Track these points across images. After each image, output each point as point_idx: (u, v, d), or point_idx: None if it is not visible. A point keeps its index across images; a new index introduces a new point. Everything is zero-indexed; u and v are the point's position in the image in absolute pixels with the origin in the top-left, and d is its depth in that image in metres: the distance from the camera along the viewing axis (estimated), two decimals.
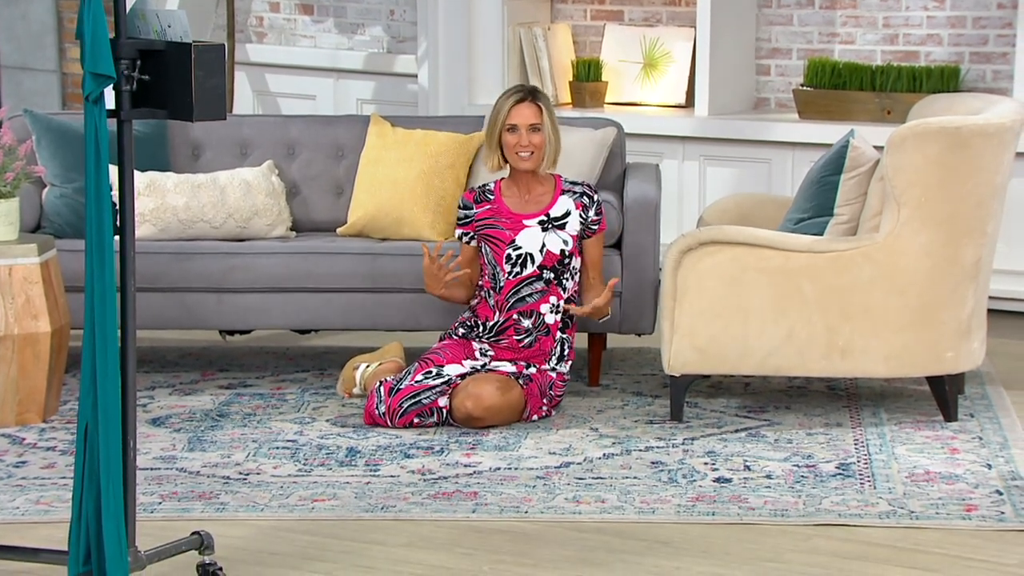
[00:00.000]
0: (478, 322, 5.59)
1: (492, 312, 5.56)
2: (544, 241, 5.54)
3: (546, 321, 5.56)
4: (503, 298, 5.54)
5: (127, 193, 3.96)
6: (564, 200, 5.59)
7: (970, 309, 5.50)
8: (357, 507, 4.78)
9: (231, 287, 5.96)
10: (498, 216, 5.59)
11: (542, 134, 5.54)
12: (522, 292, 5.54)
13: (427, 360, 5.51)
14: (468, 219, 5.62)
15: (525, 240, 5.55)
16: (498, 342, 5.56)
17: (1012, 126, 5.45)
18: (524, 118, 5.52)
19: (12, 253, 5.43)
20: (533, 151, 5.52)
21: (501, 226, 5.57)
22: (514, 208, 5.59)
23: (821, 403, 5.80)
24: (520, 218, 5.57)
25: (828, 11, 7.56)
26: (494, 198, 5.61)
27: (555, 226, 5.57)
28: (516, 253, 5.55)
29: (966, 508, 4.77)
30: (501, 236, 5.56)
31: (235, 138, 6.43)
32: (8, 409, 5.47)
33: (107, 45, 3.85)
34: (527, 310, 5.54)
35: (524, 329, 5.54)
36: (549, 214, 5.57)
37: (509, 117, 5.53)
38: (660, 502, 4.82)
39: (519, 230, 5.56)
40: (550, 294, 5.56)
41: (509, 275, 5.54)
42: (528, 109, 5.53)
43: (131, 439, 4.00)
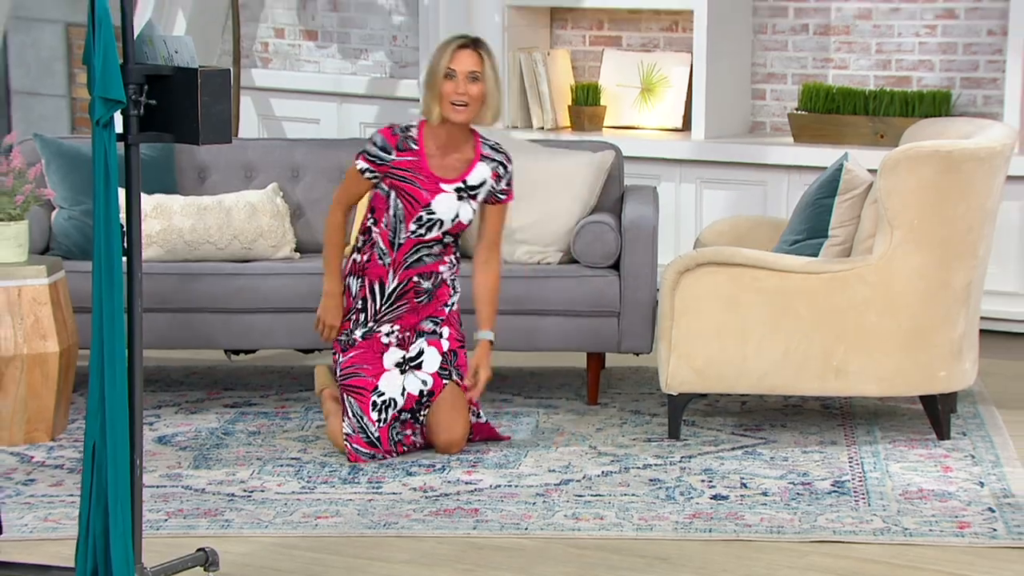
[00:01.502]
0: (372, 289, 5.33)
1: (386, 272, 5.32)
2: (458, 210, 5.30)
3: (443, 277, 5.38)
4: (400, 257, 5.29)
5: (134, 215, 3.97)
6: (482, 168, 5.32)
7: (962, 330, 5.50)
8: (360, 524, 4.77)
9: (236, 307, 5.96)
10: (417, 172, 5.26)
11: (481, 84, 5.21)
12: (420, 252, 5.31)
13: (358, 390, 5.31)
14: (382, 162, 5.26)
15: (440, 206, 5.28)
16: (396, 309, 5.33)
17: (1003, 150, 5.46)
18: (464, 65, 5.19)
19: (21, 274, 5.43)
20: (469, 102, 5.19)
21: (419, 184, 5.26)
22: (435, 168, 5.27)
23: (816, 422, 5.80)
24: (439, 181, 5.27)
25: (822, 37, 7.57)
26: (417, 148, 5.27)
27: (470, 194, 5.32)
28: (428, 216, 5.28)
29: (959, 525, 4.76)
30: (418, 196, 5.26)
31: (240, 161, 6.44)
32: (17, 428, 5.47)
33: (117, 70, 3.85)
34: (426, 271, 5.33)
35: (424, 290, 5.34)
36: (466, 181, 5.30)
37: (450, 61, 5.19)
38: (658, 519, 4.81)
39: (436, 193, 5.27)
40: (447, 254, 5.37)
41: (412, 234, 5.28)
42: (470, 56, 5.20)
43: (138, 457, 3.99)
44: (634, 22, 7.91)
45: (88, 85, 3.88)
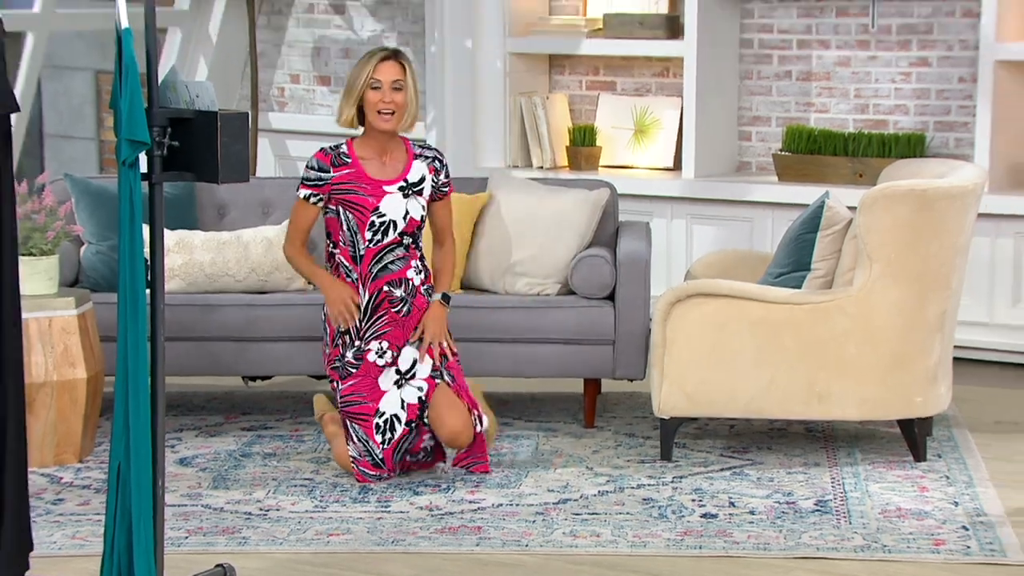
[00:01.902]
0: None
1: (356, 287, 5.22)
2: (407, 208, 5.20)
3: (415, 283, 5.25)
4: (365, 268, 5.20)
5: (158, 250, 3.97)
6: (418, 165, 5.26)
7: (937, 357, 5.49)
8: (369, 541, 4.76)
9: (253, 336, 5.96)
10: (358, 181, 5.18)
11: (404, 93, 5.17)
12: (384, 260, 5.21)
13: (360, 416, 5.25)
14: (323, 182, 5.18)
15: (388, 207, 5.18)
16: (377, 323, 5.22)
17: (974, 189, 5.47)
18: (388, 75, 5.15)
19: (52, 306, 5.43)
20: (395, 110, 5.16)
21: (363, 192, 5.18)
22: (373, 174, 5.20)
23: (800, 444, 5.78)
24: (380, 184, 5.19)
25: (804, 83, 7.58)
26: (351, 161, 5.21)
27: (414, 191, 5.23)
28: (380, 220, 5.18)
29: (935, 543, 4.75)
30: (364, 203, 5.17)
31: (257, 199, 6.44)
32: (47, 450, 5.46)
33: (142, 114, 3.86)
34: (395, 279, 5.22)
35: (398, 299, 5.22)
36: (407, 179, 5.22)
37: (374, 72, 5.15)
38: (651, 536, 4.80)
39: (381, 196, 5.18)
40: (411, 258, 5.25)
41: (370, 243, 5.18)
42: (392, 67, 5.16)
43: (160, 478, 3.98)
44: (627, 68, 7.93)
45: (115, 128, 3.89)
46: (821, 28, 7.53)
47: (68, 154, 9.78)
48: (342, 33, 8.51)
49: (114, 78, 3.87)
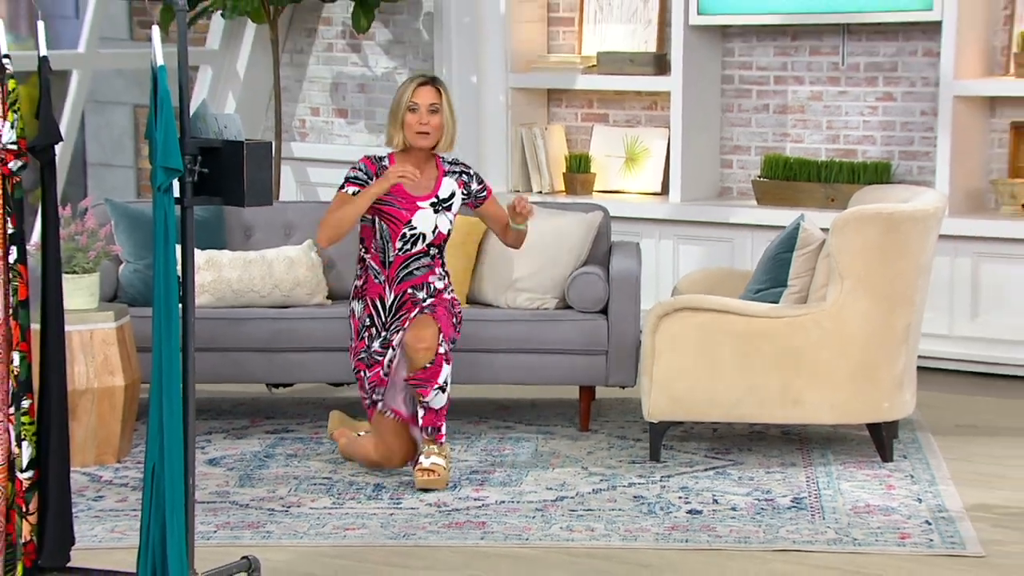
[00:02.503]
0: (375, 306, 5.24)
1: (383, 289, 5.23)
2: (436, 223, 5.22)
3: (436, 287, 5.26)
4: (393, 272, 5.21)
5: (189, 268, 3.96)
6: (447, 182, 5.27)
7: (902, 366, 5.48)
8: (382, 535, 4.74)
9: (276, 347, 5.94)
10: (395, 195, 5.19)
11: (440, 116, 5.18)
12: (411, 267, 5.22)
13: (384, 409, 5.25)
14: (368, 185, 5.19)
15: (420, 221, 5.20)
16: (400, 318, 5.22)
17: (936, 213, 5.47)
18: (424, 99, 5.16)
19: (93, 319, 5.42)
20: (430, 131, 5.17)
21: (398, 205, 5.20)
22: (409, 189, 5.21)
23: (777, 446, 5.77)
24: (414, 200, 5.21)
25: (781, 115, 7.58)
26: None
27: (444, 208, 5.25)
28: (411, 232, 5.20)
29: (900, 536, 4.73)
30: (399, 216, 5.19)
31: (280, 221, 6.43)
32: (88, 451, 5.44)
33: (176, 143, 3.85)
34: (419, 283, 5.23)
35: (420, 299, 5.22)
36: (438, 196, 5.24)
37: (412, 96, 5.17)
38: (641, 531, 4.78)
39: (414, 211, 5.20)
40: (435, 266, 5.26)
41: (399, 251, 5.21)
42: (429, 91, 5.18)
43: (191, 477, 3.97)
44: (619, 102, 7.92)
45: (150, 157, 3.88)
46: (796, 66, 7.53)
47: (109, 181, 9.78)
48: (358, 70, 8.52)
49: (150, 111, 3.87)
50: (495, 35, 7.79)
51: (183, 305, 3.95)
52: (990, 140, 7.13)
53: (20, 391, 4.00)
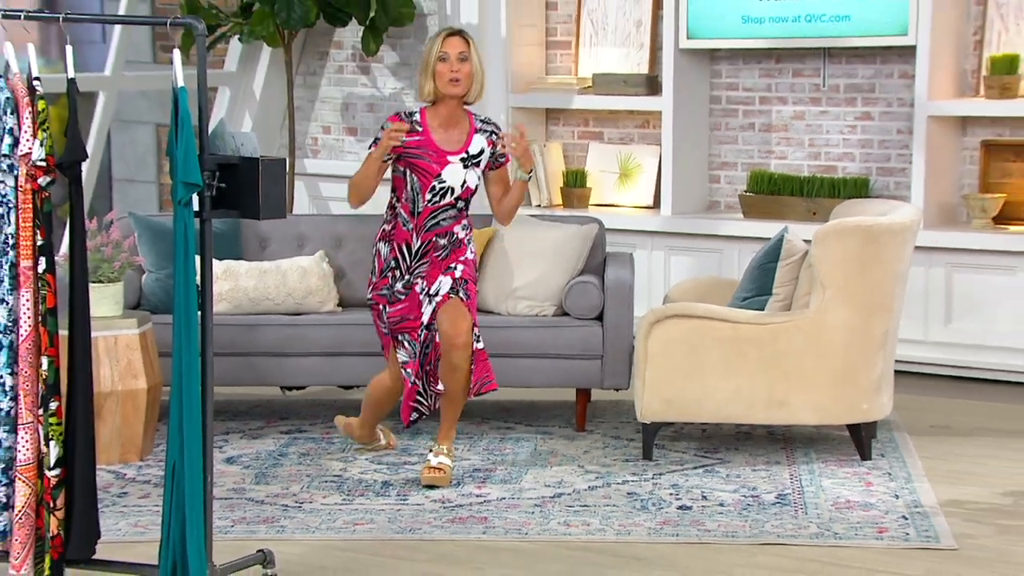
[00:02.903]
0: (401, 250, 5.16)
1: (410, 236, 5.14)
2: (465, 177, 5.14)
3: (458, 236, 5.20)
4: (421, 222, 5.13)
5: (207, 277, 3.95)
6: (478, 139, 5.16)
7: (880, 370, 5.47)
8: (390, 529, 4.73)
9: (290, 352, 5.94)
10: (427, 149, 5.11)
11: (469, 64, 5.09)
12: (438, 217, 5.15)
13: (410, 330, 5.13)
14: (399, 143, 5.08)
15: (449, 175, 5.12)
16: (422, 265, 5.16)
17: (911, 225, 5.47)
18: (454, 48, 5.07)
19: (117, 326, 5.42)
20: (461, 78, 5.07)
21: (429, 159, 5.11)
22: (440, 144, 5.12)
23: (763, 445, 5.76)
24: (445, 154, 5.12)
25: (765, 133, 7.58)
26: (422, 129, 5.14)
27: (473, 163, 5.16)
28: (441, 186, 5.12)
29: (879, 530, 4.72)
30: (429, 169, 5.11)
31: (294, 233, 6.43)
32: (113, 450, 5.44)
33: (195, 160, 3.85)
34: (443, 232, 5.16)
35: (442, 246, 5.17)
36: (468, 151, 5.14)
37: (443, 47, 5.08)
38: (634, 525, 4.77)
39: (444, 165, 5.11)
40: (461, 218, 5.20)
41: (428, 203, 5.12)
42: (458, 41, 5.09)
43: (209, 475, 3.96)
44: (613, 120, 7.93)
45: (171, 172, 3.88)
46: (779, 87, 7.53)
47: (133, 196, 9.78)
48: (367, 90, 8.51)
49: (171, 130, 3.87)
50: (497, 58, 7.79)
51: (202, 312, 3.95)
52: (962, 157, 7.13)
53: (48, 393, 3.99)
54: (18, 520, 3.97)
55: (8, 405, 3.98)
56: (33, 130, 3.93)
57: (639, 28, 7.76)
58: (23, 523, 3.98)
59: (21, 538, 3.98)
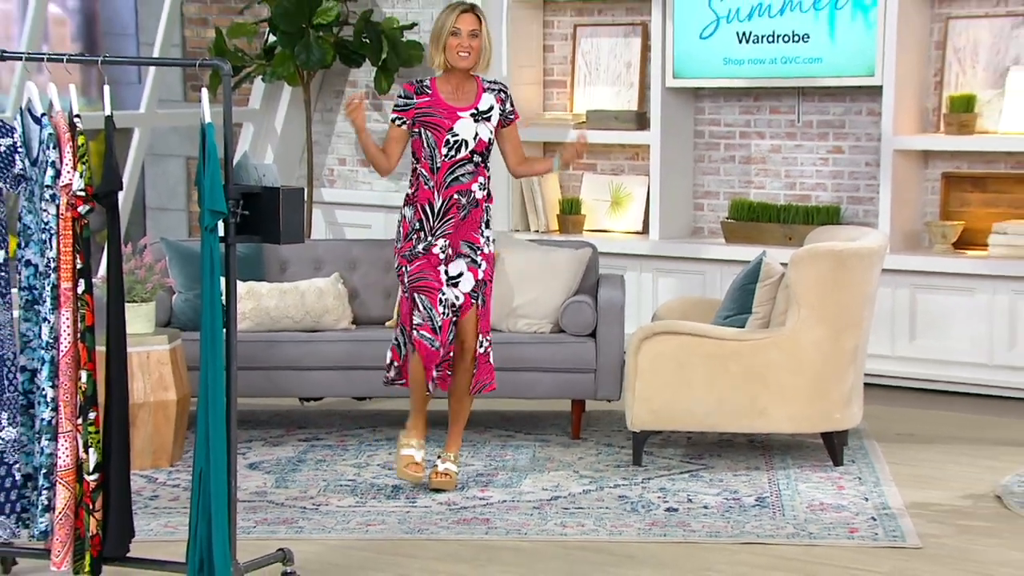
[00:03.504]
0: (424, 211, 5.03)
1: (432, 194, 5.01)
2: (476, 130, 5.01)
3: (476, 196, 5.04)
4: (441, 178, 5.00)
5: (232, 297, 3.95)
6: (487, 96, 5.06)
7: (851, 383, 5.46)
8: (400, 530, 4.72)
9: (308, 366, 5.93)
10: (437, 107, 5.01)
11: (479, 39, 5.00)
12: (456, 172, 5.01)
13: (427, 289, 5.00)
14: (408, 107, 5.03)
15: (461, 128, 5.00)
16: (445, 223, 5.02)
17: (879, 250, 5.46)
18: (466, 24, 4.98)
19: (149, 342, 5.41)
20: (471, 52, 4.99)
21: (440, 115, 5.00)
22: (449, 101, 5.02)
23: (744, 452, 5.74)
24: (455, 110, 5.01)
25: (745, 165, 7.58)
26: (431, 92, 5.03)
27: (483, 118, 5.04)
28: (454, 139, 4.99)
29: (850, 530, 4.71)
30: (441, 124, 4.99)
31: (311, 256, 6.42)
32: (146, 456, 5.43)
33: (221, 190, 3.85)
34: (463, 189, 5.01)
35: (463, 205, 5.02)
36: (478, 108, 5.03)
37: (456, 23, 4.99)
38: (625, 526, 4.75)
39: (455, 120, 5.00)
40: (479, 175, 5.04)
41: (445, 157, 4.99)
42: (470, 18, 5.00)
43: (233, 479, 3.95)
44: (605, 153, 7.93)
45: (199, 201, 3.87)
46: (758, 122, 7.54)
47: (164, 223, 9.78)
48: (380, 126, 8.52)
49: (199, 162, 3.87)
50: None
51: (227, 329, 3.94)
52: (924, 188, 7.13)
53: (87, 404, 3.99)
54: (58, 521, 3.97)
55: (50, 415, 3.98)
56: (73, 163, 3.94)
57: (629, 68, 7.77)
58: (63, 523, 3.97)
59: (61, 537, 3.98)
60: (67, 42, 10.11)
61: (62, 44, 9.88)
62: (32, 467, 4.06)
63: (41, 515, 4.00)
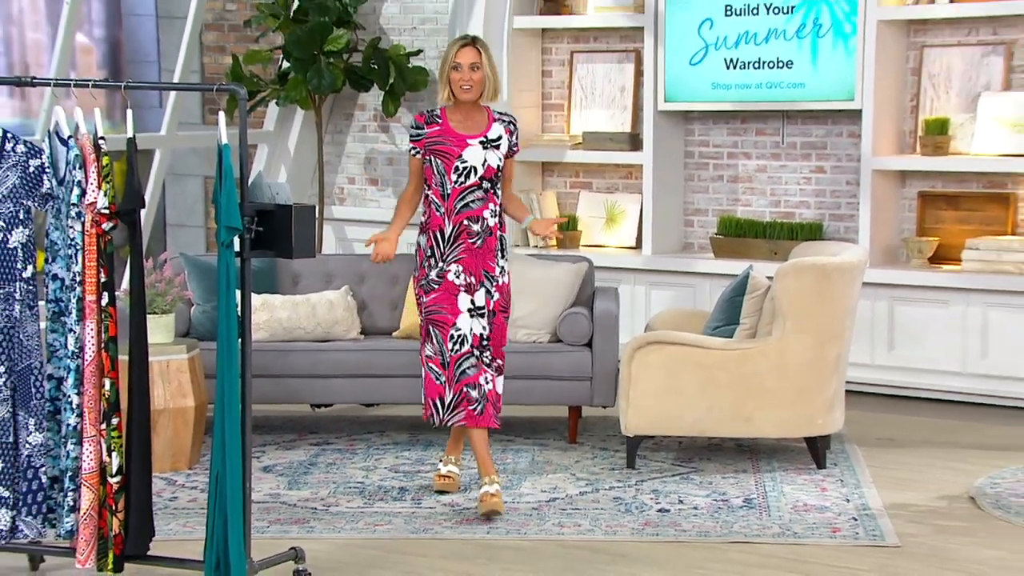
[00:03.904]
0: (436, 238, 4.89)
1: (443, 220, 4.87)
2: (485, 156, 4.88)
3: (489, 223, 4.90)
4: (451, 204, 4.85)
5: (246, 309, 3.94)
6: (497, 126, 4.92)
7: (833, 390, 5.46)
8: (406, 530, 4.71)
9: (318, 374, 5.92)
10: (446, 136, 4.87)
11: (481, 72, 4.85)
12: (467, 199, 4.86)
13: (441, 324, 4.85)
14: (420, 137, 4.89)
15: (470, 155, 4.86)
16: (456, 249, 4.89)
17: (860, 264, 5.46)
18: (466, 58, 4.85)
19: (169, 351, 5.40)
20: (472, 85, 4.85)
21: (450, 143, 4.86)
22: (459, 130, 4.89)
23: (732, 456, 5.73)
24: (464, 138, 4.88)
25: (733, 184, 7.58)
26: (441, 121, 4.90)
27: (492, 146, 4.90)
28: (463, 166, 4.85)
29: (832, 530, 4.70)
30: (450, 151, 4.85)
31: (323, 270, 6.42)
32: (165, 459, 5.42)
33: (236, 207, 3.85)
34: (473, 215, 4.86)
35: (475, 232, 4.87)
36: (487, 136, 4.90)
37: (456, 57, 4.86)
38: (620, 526, 4.74)
39: (464, 147, 4.86)
40: (489, 201, 4.89)
41: (455, 183, 4.85)
42: (470, 52, 4.86)
43: (248, 482, 3.95)
44: (601, 172, 7.93)
45: (216, 218, 3.87)
46: (744, 144, 7.54)
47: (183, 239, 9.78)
48: (387, 147, 8.53)
49: (216, 181, 3.87)
50: None
51: (242, 339, 3.94)
52: (902, 205, 7.13)
53: (110, 411, 3.99)
54: (83, 521, 3.97)
55: (75, 421, 3.98)
56: (98, 182, 3.94)
57: (623, 92, 7.78)
58: (87, 523, 3.97)
59: (86, 536, 3.97)
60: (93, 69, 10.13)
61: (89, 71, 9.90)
62: (58, 470, 4.06)
63: (67, 515, 4.00)
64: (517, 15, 7.79)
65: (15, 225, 4.00)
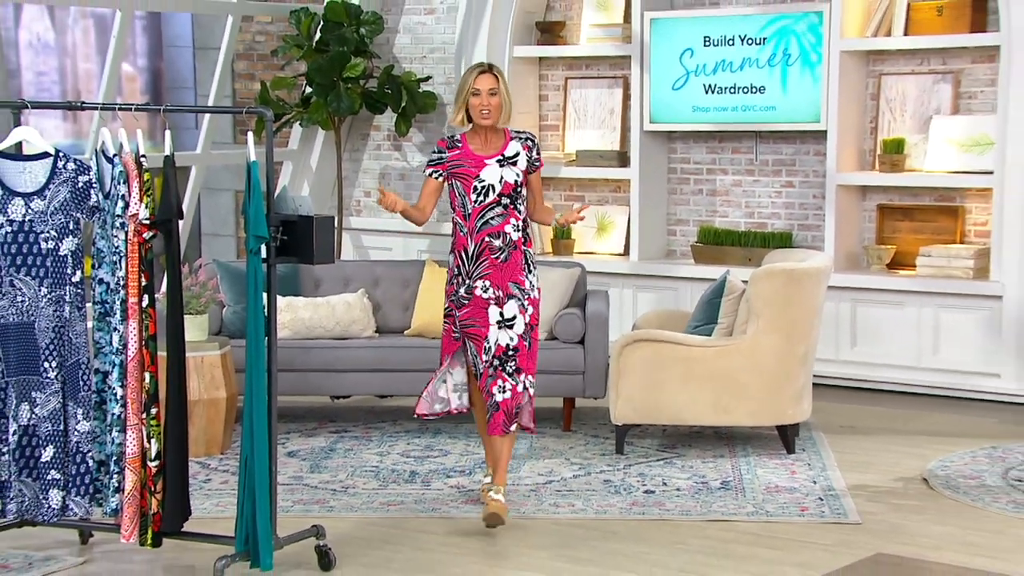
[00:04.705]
0: (461, 257, 4.63)
1: (466, 240, 4.59)
2: (502, 175, 4.60)
3: (512, 238, 4.60)
4: (473, 224, 4.58)
5: (272, 310, 3.94)
6: (514, 144, 4.66)
7: (802, 383, 5.45)
8: (416, 509, 4.70)
9: (337, 368, 5.91)
10: (465, 158, 4.62)
11: (499, 97, 4.62)
12: (487, 216, 4.58)
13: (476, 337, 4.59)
14: (441, 160, 4.64)
15: (487, 174, 4.59)
16: (480, 266, 4.61)
17: (825, 270, 5.46)
18: (485, 84, 4.59)
19: (203, 348, 5.40)
20: (491, 110, 4.60)
21: (468, 165, 4.61)
22: (477, 152, 4.63)
23: (711, 442, 5.72)
24: (482, 158, 4.62)
25: (711, 197, 7.58)
26: (461, 146, 4.64)
27: (509, 163, 4.62)
28: (481, 184, 4.58)
29: (801, 509, 4.69)
30: (468, 172, 4.60)
31: (341, 275, 6.41)
32: (200, 445, 5.41)
33: (263, 218, 3.85)
34: (495, 231, 4.58)
35: (497, 248, 4.58)
36: (504, 154, 4.63)
37: (474, 83, 4.60)
38: (609, 506, 4.73)
39: (482, 167, 4.60)
40: (510, 216, 4.59)
41: (475, 203, 4.58)
42: (488, 78, 4.61)
43: (274, 465, 3.94)
44: (592, 186, 7.93)
45: (245, 227, 3.87)
46: (722, 161, 7.54)
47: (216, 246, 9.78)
48: (399, 163, 8.53)
49: (245, 194, 3.86)
50: None
51: (268, 337, 3.93)
52: (863, 217, 7.13)
53: (150, 401, 3.99)
54: (127, 500, 3.97)
55: (119, 410, 3.98)
56: (140, 196, 3.94)
57: (612, 114, 7.77)
58: (130, 503, 3.97)
59: (129, 514, 3.98)
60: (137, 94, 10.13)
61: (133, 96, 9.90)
62: (104, 455, 4.06)
63: (112, 495, 4.00)
64: (517, 45, 7.79)
65: (66, 235, 4.01)
